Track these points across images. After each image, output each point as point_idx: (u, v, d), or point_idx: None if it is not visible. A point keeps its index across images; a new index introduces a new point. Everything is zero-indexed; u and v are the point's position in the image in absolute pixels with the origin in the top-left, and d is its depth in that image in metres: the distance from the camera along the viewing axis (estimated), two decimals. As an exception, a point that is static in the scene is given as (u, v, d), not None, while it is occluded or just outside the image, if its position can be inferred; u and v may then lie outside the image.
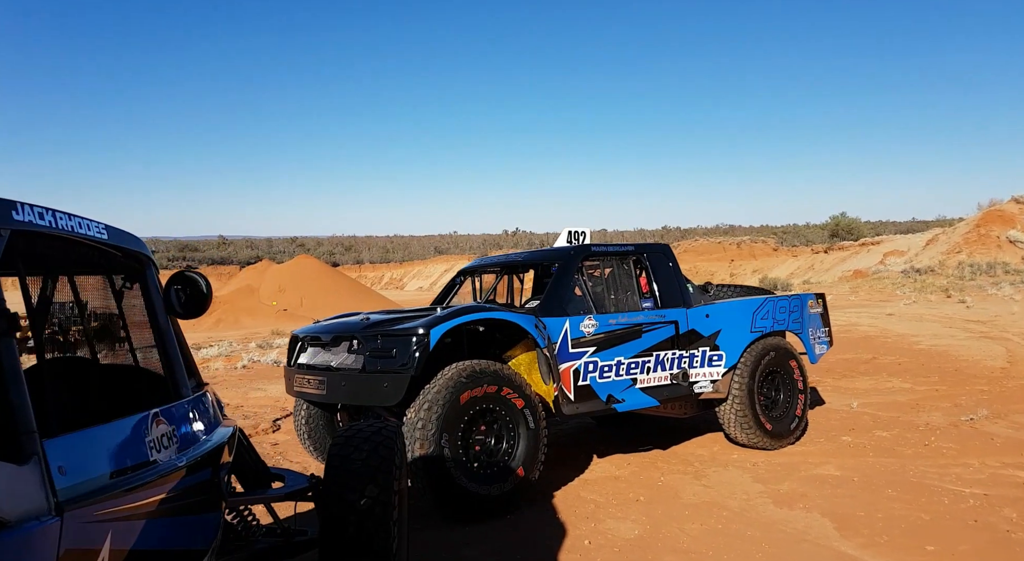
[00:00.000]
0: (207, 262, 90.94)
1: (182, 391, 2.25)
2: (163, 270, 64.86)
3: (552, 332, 5.18)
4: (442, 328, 4.66)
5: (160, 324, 2.28)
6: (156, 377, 2.37)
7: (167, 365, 2.27)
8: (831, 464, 5.82)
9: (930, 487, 5.08)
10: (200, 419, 2.31)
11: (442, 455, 4.45)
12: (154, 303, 2.29)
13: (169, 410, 2.06)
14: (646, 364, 5.67)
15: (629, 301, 5.80)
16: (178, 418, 2.10)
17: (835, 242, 47.48)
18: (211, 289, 2.30)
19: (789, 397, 6.47)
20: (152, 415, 1.91)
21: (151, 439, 1.86)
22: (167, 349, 2.28)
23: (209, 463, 2.20)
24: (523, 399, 4.83)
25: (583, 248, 5.86)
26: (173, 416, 2.06)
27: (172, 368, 2.27)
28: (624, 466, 5.94)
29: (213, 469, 2.24)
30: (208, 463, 2.19)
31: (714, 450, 6.37)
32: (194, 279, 2.29)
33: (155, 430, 1.89)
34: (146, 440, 1.83)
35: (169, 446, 1.95)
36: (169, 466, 1.88)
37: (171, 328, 2.33)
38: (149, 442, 1.84)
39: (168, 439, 1.96)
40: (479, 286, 6.76)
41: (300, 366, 5.36)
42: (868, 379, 9.65)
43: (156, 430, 1.90)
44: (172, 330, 2.33)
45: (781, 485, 5.31)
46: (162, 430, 1.94)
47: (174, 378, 2.25)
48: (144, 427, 1.85)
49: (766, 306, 6.46)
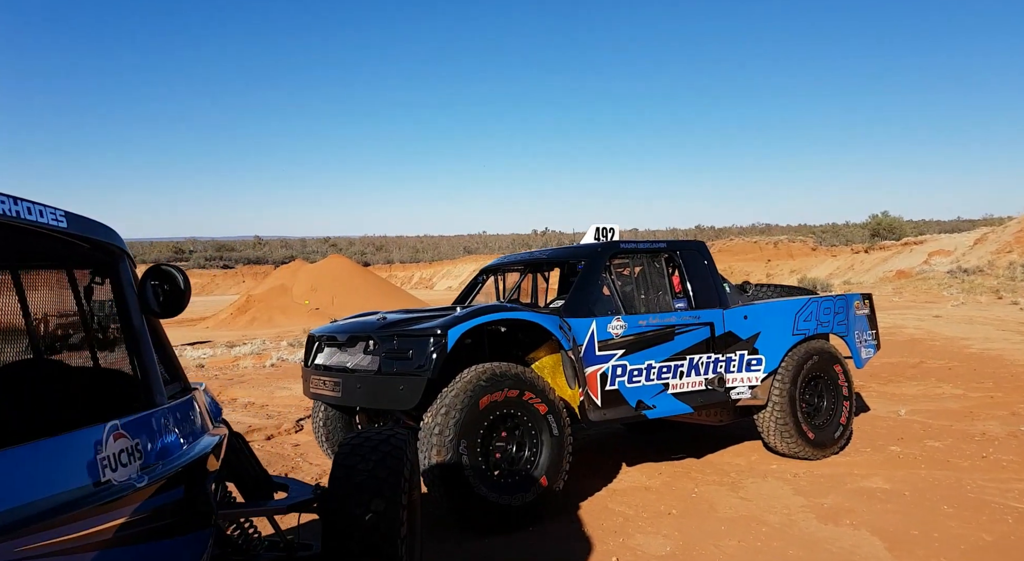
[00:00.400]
0: (243, 262, 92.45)
1: (156, 399, 2.00)
2: (200, 270, 65.74)
3: (578, 333, 4.89)
4: (460, 328, 4.40)
5: (134, 324, 2.04)
6: (123, 384, 2.14)
7: (141, 370, 2.02)
8: (879, 476, 5.43)
9: (991, 504, 4.67)
10: (178, 429, 2.05)
11: (460, 463, 4.20)
12: (127, 300, 2.05)
13: (134, 422, 1.81)
14: (679, 368, 5.34)
15: (661, 301, 5.48)
16: (146, 430, 1.85)
17: (876, 242, 46.49)
18: (189, 284, 2.07)
19: (833, 404, 6.09)
20: (109, 428, 1.66)
21: (105, 456, 1.62)
22: (141, 352, 2.03)
23: (184, 479, 1.95)
24: (546, 404, 4.55)
25: (611, 245, 5.56)
26: (139, 428, 1.81)
27: (146, 374, 2.02)
28: (655, 476, 5.61)
29: (190, 485, 2.00)
30: (183, 479, 1.95)
31: (752, 459, 6.01)
32: (171, 273, 2.06)
33: (111, 445, 1.65)
34: (98, 457, 1.59)
35: (130, 463, 1.70)
36: (126, 487, 1.64)
37: (146, 328, 2.09)
38: (102, 459, 1.60)
39: (129, 455, 1.71)
40: (502, 285, 6.49)
41: (317, 367, 5.16)
42: (916, 384, 9.17)
43: (113, 445, 1.65)
44: (147, 330, 2.09)
45: (825, 499, 4.95)
46: (121, 445, 1.69)
47: (147, 385, 2.01)
48: (96, 442, 1.60)
49: (809, 307, 6.08)
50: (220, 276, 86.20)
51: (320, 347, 5.29)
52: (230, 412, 8.86)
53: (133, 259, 2.19)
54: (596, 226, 6.01)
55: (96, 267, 2.11)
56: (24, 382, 2.13)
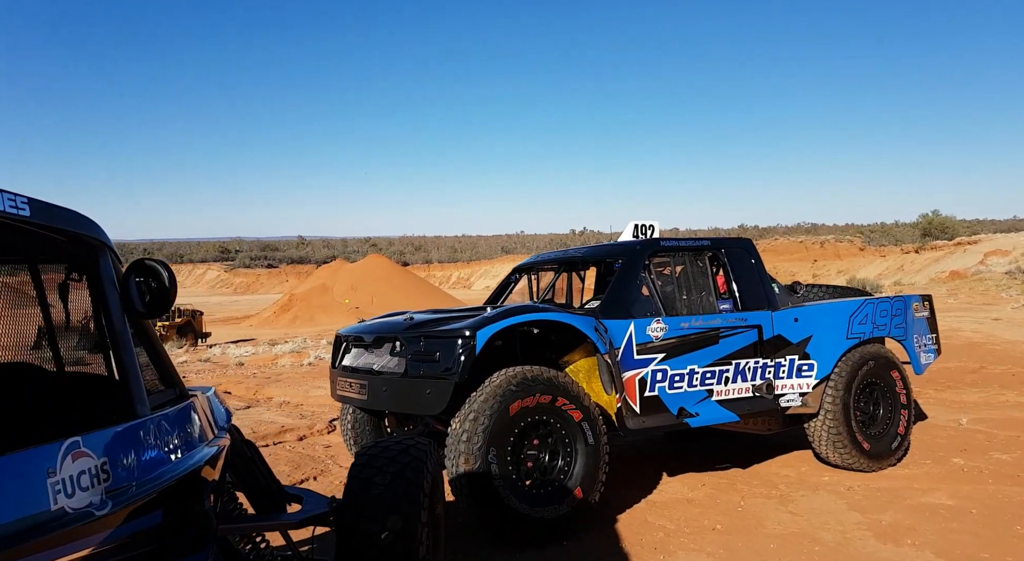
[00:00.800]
0: (287, 261, 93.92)
1: (136, 409, 1.77)
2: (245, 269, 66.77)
3: (615, 336, 4.61)
4: (490, 330, 4.17)
5: (115, 326, 1.82)
6: (95, 394, 1.95)
7: (120, 377, 1.80)
8: (941, 491, 5.04)
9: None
10: (165, 441, 1.83)
11: (489, 472, 3.96)
12: (108, 300, 1.83)
13: (104, 437, 1.58)
14: (724, 374, 5.02)
15: (704, 302, 5.17)
16: (120, 446, 1.62)
17: (927, 241, 45.05)
18: (175, 281, 1.86)
19: (890, 412, 5.69)
20: (67, 447, 1.44)
21: (59, 480, 1.39)
22: (121, 357, 1.79)
23: (171, 498, 1.74)
24: (581, 411, 4.28)
25: (651, 242, 5.26)
26: (111, 444, 1.58)
27: (126, 381, 1.79)
28: (698, 487, 5.30)
29: (180, 503, 1.79)
30: (170, 498, 1.73)
31: (801, 471, 5.65)
32: (155, 268, 1.85)
33: (68, 467, 1.43)
34: (49, 482, 1.37)
35: (92, 486, 1.47)
36: (83, 515, 1.41)
37: (128, 331, 1.86)
38: (54, 485, 1.39)
39: (93, 477, 1.48)
40: (536, 285, 6.23)
41: (344, 369, 4.98)
42: (977, 391, 8.64)
43: (70, 467, 1.43)
44: (129, 333, 1.87)
45: (883, 515, 4.59)
46: (82, 466, 1.45)
47: (127, 394, 1.78)
48: (44, 465, 1.38)
49: (864, 309, 5.69)
50: (264, 275, 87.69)
51: (347, 348, 5.12)
52: (264, 411, 8.79)
53: (117, 254, 1.97)
54: (635, 223, 5.72)
55: (72, 262, 1.91)
56: None
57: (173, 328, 32.66)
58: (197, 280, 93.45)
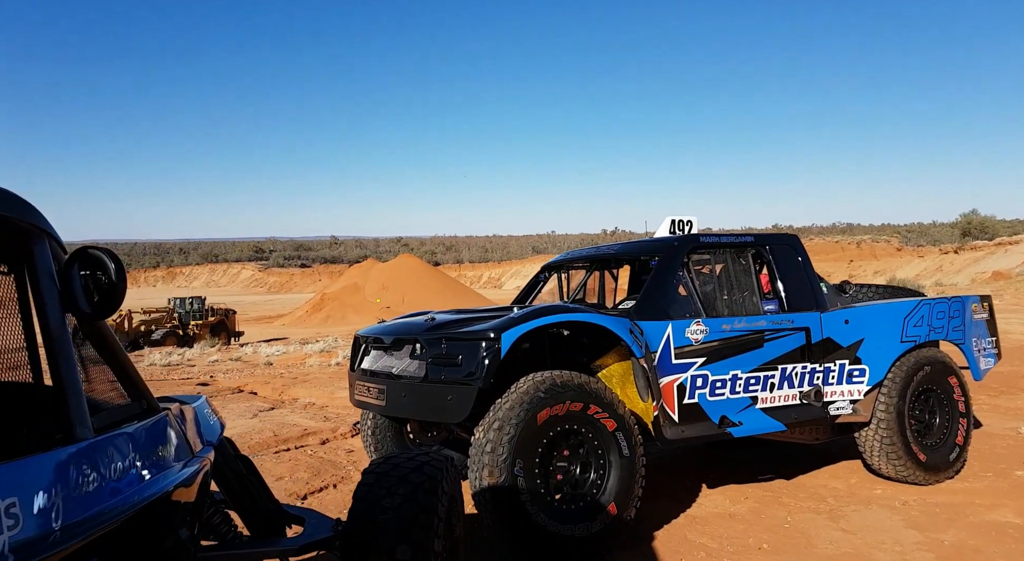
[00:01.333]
0: (320, 261, 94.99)
1: (76, 432, 1.44)
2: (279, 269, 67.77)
3: (651, 339, 4.29)
4: (517, 331, 3.87)
5: (51, 329, 1.50)
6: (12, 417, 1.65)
7: (56, 393, 1.47)
8: (1007, 508, 4.63)
9: None
10: (114, 469, 1.49)
11: (515, 485, 3.67)
12: (44, 297, 1.51)
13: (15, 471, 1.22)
14: (769, 379, 4.67)
15: (747, 303, 4.82)
16: (35, 480, 1.25)
17: (967, 241, 43.77)
18: (124, 275, 1.56)
19: (947, 421, 5.28)
20: None
21: None
22: (59, 367, 1.47)
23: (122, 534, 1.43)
24: (615, 420, 3.97)
25: (689, 239, 4.92)
26: (27, 478, 1.23)
27: (63, 396, 1.46)
28: (740, 500, 4.95)
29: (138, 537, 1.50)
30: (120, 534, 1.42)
31: (851, 483, 5.27)
32: (100, 259, 1.55)
33: None
34: None
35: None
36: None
37: (68, 335, 1.54)
38: None
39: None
40: (567, 284, 5.92)
41: (363, 372, 4.73)
42: (1036, 398, 8.11)
43: None
44: (69, 338, 1.54)
45: (944, 534, 4.21)
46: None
47: (64, 413, 1.45)
48: None
49: (920, 310, 5.28)
50: (298, 275, 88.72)
51: (367, 350, 4.87)
52: (288, 413, 8.63)
53: (61, 243, 1.65)
54: (671, 218, 5.38)
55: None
56: None
57: (206, 327, 33.02)
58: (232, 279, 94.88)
